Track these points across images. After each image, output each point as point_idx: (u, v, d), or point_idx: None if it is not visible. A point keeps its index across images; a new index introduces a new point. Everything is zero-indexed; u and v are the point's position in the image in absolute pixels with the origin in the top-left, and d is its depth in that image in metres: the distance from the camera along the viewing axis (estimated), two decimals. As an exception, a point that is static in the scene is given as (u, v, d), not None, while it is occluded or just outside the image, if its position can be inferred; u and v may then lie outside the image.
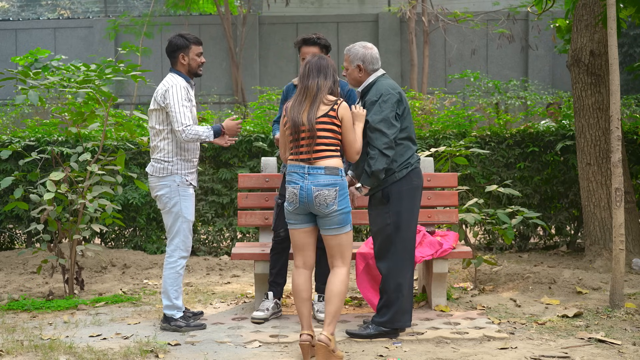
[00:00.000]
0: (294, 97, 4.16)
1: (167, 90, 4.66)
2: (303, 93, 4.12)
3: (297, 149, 4.07)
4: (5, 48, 17.00)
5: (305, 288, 4.09)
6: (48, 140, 7.38)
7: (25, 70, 5.58)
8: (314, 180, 4.00)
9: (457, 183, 5.56)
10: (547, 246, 7.85)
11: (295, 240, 4.15)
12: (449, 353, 4.14)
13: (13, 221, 7.52)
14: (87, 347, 4.22)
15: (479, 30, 15.37)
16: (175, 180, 4.69)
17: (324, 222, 4.07)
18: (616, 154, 5.09)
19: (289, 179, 4.09)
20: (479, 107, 11.41)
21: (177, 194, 4.70)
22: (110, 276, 6.48)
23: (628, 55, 14.97)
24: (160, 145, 4.72)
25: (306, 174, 4.02)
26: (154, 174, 4.75)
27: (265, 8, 16.34)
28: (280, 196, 4.99)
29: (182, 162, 4.73)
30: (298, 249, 4.15)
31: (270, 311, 4.90)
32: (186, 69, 4.80)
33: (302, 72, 4.17)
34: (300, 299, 4.08)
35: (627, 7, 6.53)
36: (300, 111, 4.06)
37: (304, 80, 4.14)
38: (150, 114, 4.78)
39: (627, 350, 4.13)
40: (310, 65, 4.14)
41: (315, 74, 4.11)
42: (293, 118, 4.07)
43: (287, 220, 4.16)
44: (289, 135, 4.11)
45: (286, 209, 4.12)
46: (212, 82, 16.43)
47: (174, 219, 4.72)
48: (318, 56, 4.21)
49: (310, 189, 3.98)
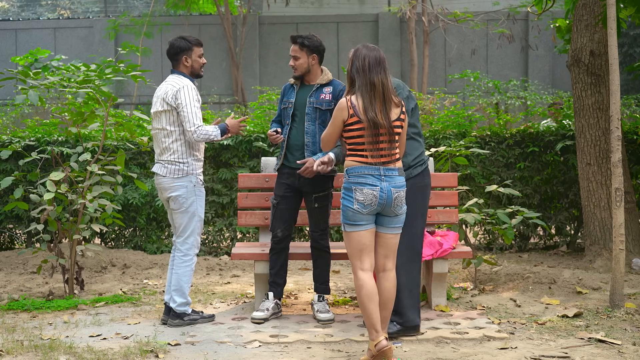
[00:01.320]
0: (359, 94, 3.92)
1: (179, 90, 4.70)
2: (370, 90, 3.91)
3: (377, 151, 3.91)
4: (5, 48, 17.00)
5: (377, 291, 3.96)
6: (48, 140, 7.38)
7: (25, 70, 5.58)
8: (392, 181, 3.92)
9: (457, 183, 5.56)
10: (547, 246, 7.85)
11: (363, 242, 3.94)
12: (449, 353, 4.14)
13: (13, 221, 7.52)
14: (87, 347, 4.22)
15: (479, 30, 15.38)
16: (192, 180, 4.79)
17: (390, 222, 3.97)
18: (616, 154, 5.09)
19: (362, 181, 3.87)
20: (479, 107, 11.41)
21: (194, 194, 4.80)
22: (110, 276, 6.48)
23: (628, 55, 14.97)
24: (174, 147, 4.76)
25: (382, 175, 3.91)
26: (167, 175, 4.77)
27: (265, 8, 16.35)
28: (276, 196, 4.98)
29: (195, 162, 4.83)
30: (365, 250, 3.95)
31: (270, 311, 4.89)
32: (189, 70, 4.86)
33: (361, 64, 3.93)
34: (375, 303, 3.91)
35: (627, 7, 6.53)
36: (376, 111, 3.90)
37: (365, 74, 3.92)
38: (160, 116, 4.80)
39: (627, 350, 4.13)
40: (370, 59, 3.94)
41: (377, 68, 3.94)
42: (373, 119, 3.89)
43: (354, 222, 3.91)
44: (368, 136, 3.89)
45: (357, 210, 3.88)
46: (212, 82, 16.43)
47: (189, 218, 4.81)
48: (369, 46, 4.02)
49: (390, 190, 3.90)
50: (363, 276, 3.92)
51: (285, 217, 4.94)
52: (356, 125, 3.92)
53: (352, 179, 3.92)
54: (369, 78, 3.92)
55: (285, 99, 5.01)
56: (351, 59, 4.00)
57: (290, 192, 4.94)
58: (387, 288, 4.01)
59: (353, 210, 3.90)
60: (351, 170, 3.93)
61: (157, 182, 4.87)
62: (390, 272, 4.02)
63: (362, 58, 3.95)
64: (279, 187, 4.97)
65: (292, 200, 4.96)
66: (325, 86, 4.92)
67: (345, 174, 3.96)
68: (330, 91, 4.90)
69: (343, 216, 3.95)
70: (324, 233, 4.96)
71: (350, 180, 3.92)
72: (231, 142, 7.41)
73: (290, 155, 4.92)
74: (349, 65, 4.01)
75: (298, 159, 4.87)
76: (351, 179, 3.92)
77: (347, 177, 3.94)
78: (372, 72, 3.93)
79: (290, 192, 4.94)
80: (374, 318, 3.87)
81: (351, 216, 3.91)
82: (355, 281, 3.95)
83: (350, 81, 4.00)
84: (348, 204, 3.92)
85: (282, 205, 4.94)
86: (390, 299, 4.01)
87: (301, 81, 4.97)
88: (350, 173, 3.93)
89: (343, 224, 3.97)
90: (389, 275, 4.02)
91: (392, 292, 4.02)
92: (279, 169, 5.00)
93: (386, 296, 4.00)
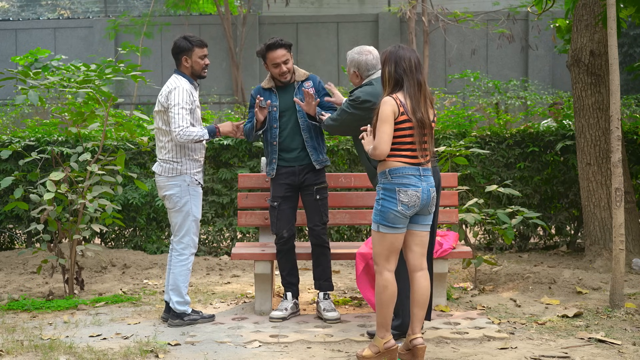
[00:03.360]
0: (407, 94, 3.89)
1: (171, 92, 4.76)
2: (419, 90, 3.90)
3: (423, 151, 3.90)
4: (5, 48, 17.00)
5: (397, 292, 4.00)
6: (48, 140, 7.38)
7: (25, 70, 5.58)
8: (429, 181, 3.92)
9: (457, 183, 5.57)
10: (547, 246, 7.85)
11: (396, 245, 3.92)
12: (449, 353, 4.14)
13: (13, 221, 7.52)
14: (87, 347, 4.22)
15: (479, 30, 15.37)
16: (186, 180, 4.80)
17: (425, 219, 3.97)
18: (616, 154, 5.09)
19: (406, 182, 3.85)
20: (479, 107, 11.41)
21: (188, 193, 4.81)
22: (110, 276, 6.48)
23: (628, 55, 14.97)
24: (168, 146, 4.81)
25: (421, 175, 3.90)
26: (162, 174, 4.82)
27: (265, 8, 16.34)
28: (275, 198, 4.98)
29: (190, 162, 4.83)
30: (395, 252, 3.93)
31: (289, 311, 4.91)
32: (189, 71, 4.88)
33: (407, 65, 3.91)
34: (394, 304, 3.95)
35: (627, 7, 6.52)
36: (422, 111, 3.89)
37: (413, 74, 3.91)
38: (156, 116, 4.87)
39: (627, 350, 4.13)
40: (414, 59, 3.93)
41: (420, 69, 3.95)
42: (421, 119, 3.87)
43: (394, 224, 3.86)
44: (416, 135, 3.87)
45: (400, 212, 3.84)
46: (212, 82, 16.43)
47: (183, 217, 4.82)
48: (406, 47, 4.00)
49: (429, 190, 3.90)
50: (389, 277, 3.92)
51: (289, 217, 4.97)
52: (405, 124, 3.87)
53: (395, 180, 3.86)
54: (417, 78, 3.92)
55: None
56: (392, 60, 3.95)
57: (291, 191, 4.97)
58: (426, 286, 3.99)
59: (396, 212, 3.85)
60: (395, 171, 3.87)
61: (155, 181, 4.93)
62: (425, 272, 4.00)
63: (408, 59, 3.93)
64: (279, 189, 4.97)
65: (293, 199, 5.00)
66: (304, 81, 4.99)
67: (387, 174, 3.88)
68: (311, 85, 4.99)
69: (381, 217, 3.88)
70: (325, 227, 5.00)
71: (394, 181, 3.86)
72: (231, 142, 7.41)
73: (287, 155, 4.94)
74: (389, 66, 3.95)
75: (294, 157, 4.92)
76: (395, 180, 3.86)
77: (390, 178, 3.88)
78: (417, 72, 3.94)
79: (291, 191, 4.97)
80: (390, 318, 3.93)
81: (392, 219, 3.86)
82: (379, 281, 3.92)
83: (393, 82, 3.94)
84: (390, 206, 3.86)
85: (284, 206, 4.96)
86: (427, 297, 4.00)
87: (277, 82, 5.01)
88: (393, 174, 3.87)
89: (378, 225, 3.90)
90: (426, 274, 4.01)
91: (429, 289, 4.02)
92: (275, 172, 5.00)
93: (426, 295, 3.98)
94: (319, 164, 4.94)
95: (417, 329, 3.96)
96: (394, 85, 3.94)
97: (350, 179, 5.53)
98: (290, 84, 4.98)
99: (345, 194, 5.55)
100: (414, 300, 3.97)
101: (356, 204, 5.51)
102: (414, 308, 3.97)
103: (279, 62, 4.86)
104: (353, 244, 5.62)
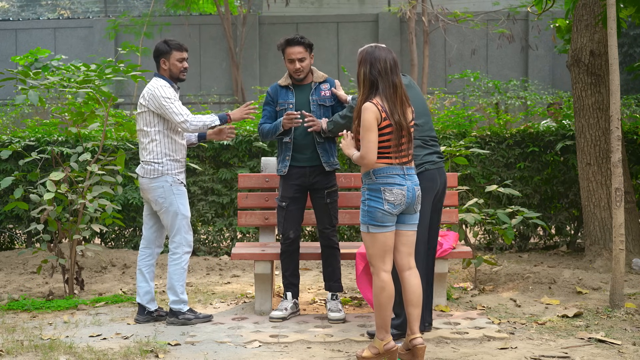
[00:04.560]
0: (383, 97, 3.90)
1: (153, 93, 4.80)
2: (393, 92, 3.91)
3: (399, 152, 3.91)
4: (5, 48, 16.99)
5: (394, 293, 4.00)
6: (48, 140, 7.38)
7: (25, 70, 5.58)
8: (412, 180, 3.95)
9: (457, 183, 5.57)
10: (547, 246, 7.85)
11: (388, 243, 3.92)
12: (449, 353, 4.14)
13: (13, 221, 7.52)
14: (87, 347, 4.22)
15: (479, 30, 15.37)
16: (168, 180, 4.83)
17: (410, 219, 3.99)
18: (616, 154, 5.09)
19: (391, 181, 3.87)
20: (479, 107, 11.41)
21: (171, 192, 4.83)
22: (110, 276, 6.48)
23: (628, 55, 14.97)
24: (149, 147, 4.85)
25: (405, 174, 3.93)
26: (145, 175, 4.86)
27: (265, 8, 16.33)
28: (284, 198, 4.98)
29: (172, 163, 4.86)
30: (389, 251, 3.94)
31: (289, 311, 4.93)
32: (168, 73, 4.94)
33: (382, 67, 3.90)
34: (392, 304, 3.95)
35: (627, 7, 6.52)
36: (399, 113, 3.89)
37: (388, 77, 3.91)
38: (138, 117, 4.91)
39: (627, 350, 4.13)
40: (389, 61, 3.93)
41: (396, 70, 3.94)
42: (398, 121, 3.88)
43: (382, 223, 3.88)
44: (394, 139, 3.89)
45: (387, 211, 3.87)
46: (212, 82, 16.43)
47: (172, 217, 4.84)
48: (382, 47, 3.99)
49: (414, 188, 3.93)
50: (386, 278, 3.92)
51: (296, 218, 4.98)
52: (387, 129, 3.89)
53: (380, 180, 3.89)
54: (392, 80, 3.91)
55: (282, 100, 5.01)
56: (368, 61, 3.94)
57: (300, 192, 4.97)
58: (417, 284, 3.99)
59: (383, 211, 3.87)
60: (379, 172, 3.89)
61: (139, 183, 4.94)
62: (414, 269, 4.02)
63: (383, 60, 3.92)
64: (288, 189, 4.96)
65: (301, 201, 5.01)
66: (322, 83, 5.01)
67: (371, 174, 3.90)
68: (328, 88, 5.01)
69: (369, 217, 3.89)
70: (335, 229, 5.02)
71: (378, 181, 3.89)
72: (231, 142, 7.41)
73: (299, 155, 4.94)
74: (364, 67, 3.94)
75: (307, 157, 4.93)
76: (379, 180, 3.89)
77: (374, 178, 3.90)
78: (393, 74, 3.92)
79: (300, 192, 4.97)
80: (389, 319, 3.93)
81: (380, 217, 3.88)
82: (377, 283, 3.92)
83: (369, 83, 3.93)
84: (377, 205, 3.88)
85: (292, 207, 4.96)
86: (420, 295, 4.00)
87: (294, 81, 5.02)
88: (377, 174, 3.89)
89: (367, 226, 3.91)
90: (415, 272, 4.01)
91: (421, 287, 4.02)
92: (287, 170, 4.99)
93: (417, 293, 3.98)
94: (329, 166, 4.95)
95: (416, 328, 3.96)
96: (370, 87, 3.94)
97: (350, 179, 5.53)
98: (307, 83, 5.00)
99: (345, 194, 5.55)
100: (407, 299, 3.99)
101: (356, 204, 5.51)
102: (409, 307, 3.98)
103: (294, 59, 4.89)
104: (353, 244, 5.63)
